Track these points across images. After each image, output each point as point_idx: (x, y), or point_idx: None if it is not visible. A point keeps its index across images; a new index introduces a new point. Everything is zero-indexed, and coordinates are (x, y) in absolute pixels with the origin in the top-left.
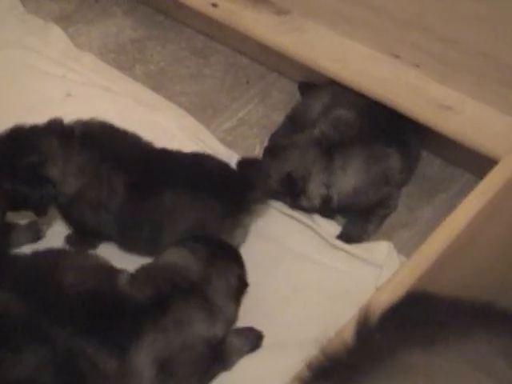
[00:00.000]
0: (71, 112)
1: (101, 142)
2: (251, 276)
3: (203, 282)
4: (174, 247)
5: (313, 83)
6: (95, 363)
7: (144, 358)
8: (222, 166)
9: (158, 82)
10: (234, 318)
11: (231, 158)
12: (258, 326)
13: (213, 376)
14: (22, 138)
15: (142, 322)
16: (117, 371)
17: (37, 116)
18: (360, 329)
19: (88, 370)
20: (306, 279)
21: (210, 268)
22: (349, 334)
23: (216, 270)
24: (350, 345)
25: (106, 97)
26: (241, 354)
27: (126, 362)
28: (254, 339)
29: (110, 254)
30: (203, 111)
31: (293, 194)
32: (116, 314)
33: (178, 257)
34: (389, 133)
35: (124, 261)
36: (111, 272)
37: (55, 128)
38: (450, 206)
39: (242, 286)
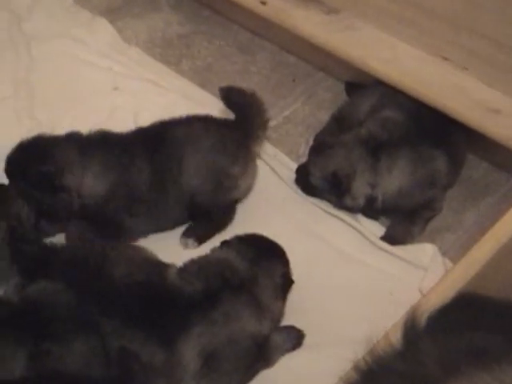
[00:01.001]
0: (118, 105)
1: (112, 142)
2: (294, 274)
3: (251, 281)
4: (220, 247)
5: (359, 83)
6: (143, 354)
7: (191, 351)
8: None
9: (204, 78)
10: (279, 316)
11: (276, 156)
12: (299, 325)
13: (255, 373)
14: (41, 147)
15: (191, 314)
16: (163, 363)
17: (84, 108)
18: (407, 332)
19: (135, 361)
20: (348, 279)
21: (256, 268)
22: (396, 337)
23: (262, 269)
24: (398, 348)
25: (153, 91)
26: (282, 351)
27: (173, 354)
28: (295, 338)
29: None
30: None
31: (337, 192)
32: (165, 307)
33: (226, 254)
34: (436, 135)
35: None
36: (160, 265)
37: (74, 138)
38: (495, 211)
39: (287, 283)
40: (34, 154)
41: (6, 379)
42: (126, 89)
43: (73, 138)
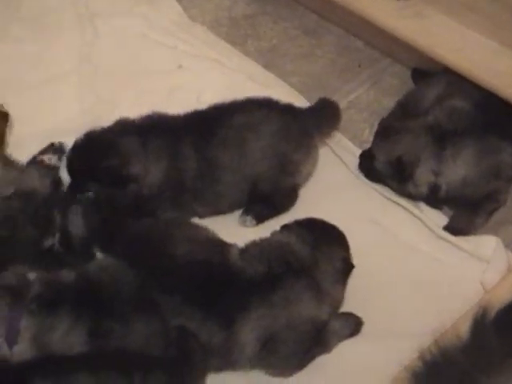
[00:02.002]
0: (181, 84)
1: (162, 128)
2: (354, 261)
3: (311, 265)
4: (280, 231)
5: (426, 70)
6: (201, 334)
7: (249, 334)
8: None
9: (269, 60)
10: (339, 301)
11: (339, 142)
12: (357, 312)
13: (313, 357)
14: (97, 142)
15: (251, 297)
16: (221, 344)
17: (146, 85)
18: (476, 326)
19: (194, 340)
20: (408, 268)
21: (317, 252)
22: (463, 329)
23: (322, 253)
24: (464, 341)
25: (218, 70)
26: (340, 338)
27: (230, 336)
28: (353, 325)
29: None
30: (313, 92)
31: (401, 178)
32: (225, 287)
33: (287, 238)
34: (503, 126)
35: None
36: (222, 245)
37: (130, 127)
38: None
39: (347, 268)
40: (95, 151)
41: (65, 354)
42: (190, 67)
43: (124, 127)
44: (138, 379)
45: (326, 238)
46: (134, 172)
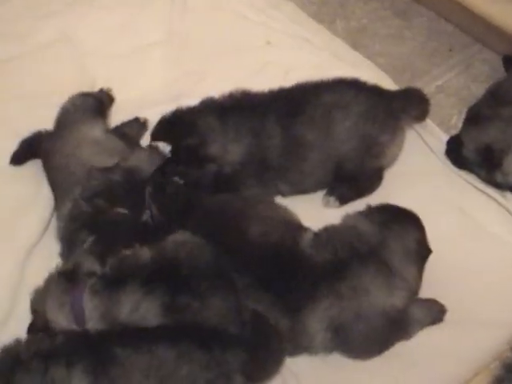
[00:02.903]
0: (269, 60)
1: (245, 105)
2: (436, 247)
3: (380, 245)
4: (350, 214)
5: None
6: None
7: (317, 323)
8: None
9: (357, 40)
10: (415, 286)
11: (426, 127)
12: (440, 299)
13: (392, 344)
14: (182, 121)
15: (318, 285)
16: (288, 330)
17: (234, 60)
18: None
19: (269, 325)
20: (492, 257)
21: (386, 230)
22: None
23: (392, 232)
24: None
25: (306, 48)
26: (422, 325)
27: (297, 324)
28: (436, 312)
29: None
30: (401, 74)
31: (489, 166)
32: (293, 273)
33: (355, 221)
34: None
35: None
36: (296, 228)
37: (212, 106)
38: None
39: (422, 250)
40: (177, 129)
41: (141, 327)
42: (279, 44)
43: (209, 106)
44: (217, 354)
45: (397, 218)
46: (212, 153)
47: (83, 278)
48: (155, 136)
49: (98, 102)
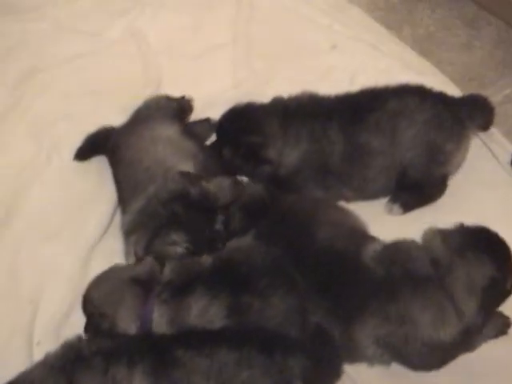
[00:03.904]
0: (335, 65)
1: (309, 110)
2: None
3: (445, 273)
4: (432, 229)
5: None
6: (324, 324)
7: (366, 338)
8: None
9: (425, 47)
10: (473, 322)
11: (492, 136)
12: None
13: (454, 357)
14: (250, 117)
15: (370, 302)
16: (341, 340)
17: (300, 63)
18: None
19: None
20: None
21: (458, 258)
22: None
23: (464, 261)
24: None
25: (372, 54)
26: (486, 338)
27: (350, 335)
28: (501, 325)
29: None
30: (468, 83)
31: None
32: (350, 284)
33: (430, 240)
34: None
35: None
36: (362, 237)
37: (278, 108)
38: None
39: (494, 288)
40: (244, 125)
41: (206, 329)
42: (345, 49)
43: (277, 107)
44: (278, 359)
45: (477, 247)
46: (270, 155)
47: (155, 287)
48: (222, 123)
49: (180, 108)
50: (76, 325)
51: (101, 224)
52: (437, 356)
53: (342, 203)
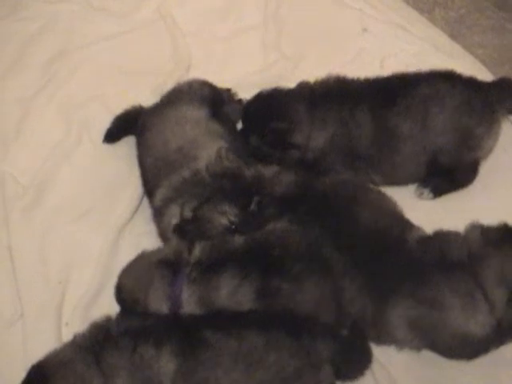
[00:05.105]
0: (365, 48)
1: (336, 94)
2: None
3: (478, 261)
4: (469, 224)
5: None
6: (356, 301)
7: (397, 318)
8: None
9: (456, 30)
10: (504, 315)
11: None
12: None
13: (486, 351)
14: (277, 102)
15: (404, 282)
16: (372, 317)
17: (330, 46)
18: None
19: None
20: None
21: (493, 249)
22: None
23: (499, 252)
24: None
25: (403, 37)
26: None
27: (381, 314)
28: None
29: None
30: (500, 66)
31: None
32: (392, 264)
33: (469, 230)
34: None
35: None
36: (404, 222)
37: (304, 92)
38: None
39: None
40: (269, 111)
41: (235, 311)
42: (375, 32)
43: (303, 91)
44: (306, 342)
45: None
46: (297, 141)
47: (183, 268)
48: (248, 110)
49: (214, 95)
50: (104, 306)
51: (130, 206)
52: (467, 347)
53: None
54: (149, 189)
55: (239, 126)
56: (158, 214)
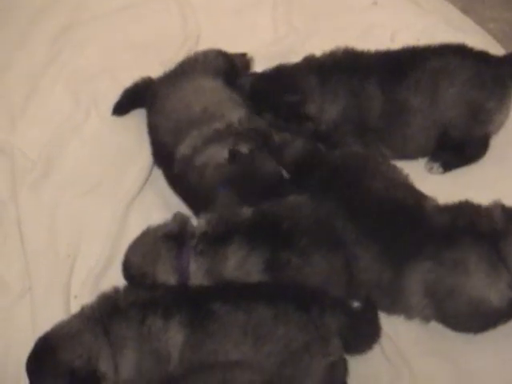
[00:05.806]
0: (375, 22)
1: (345, 66)
2: None
3: (503, 235)
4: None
5: None
6: (372, 269)
7: (414, 283)
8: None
9: (467, 4)
10: None
11: None
12: None
13: (495, 325)
14: (285, 77)
15: (426, 246)
16: (389, 285)
17: (341, 20)
18: None
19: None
20: None
21: None
22: None
23: None
24: None
25: (413, 11)
26: None
27: (398, 279)
28: None
29: None
30: (511, 41)
31: None
32: (406, 228)
33: (493, 205)
34: None
35: None
36: (418, 192)
37: (313, 65)
38: None
39: None
40: (281, 84)
41: (243, 283)
42: (386, 5)
43: (310, 64)
44: (315, 316)
45: None
46: (311, 112)
47: (188, 240)
48: (255, 90)
49: (229, 66)
50: (113, 279)
51: (139, 179)
52: (479, 317)
53: None
54: (167, 151)
55: None
56: (188, 160)
